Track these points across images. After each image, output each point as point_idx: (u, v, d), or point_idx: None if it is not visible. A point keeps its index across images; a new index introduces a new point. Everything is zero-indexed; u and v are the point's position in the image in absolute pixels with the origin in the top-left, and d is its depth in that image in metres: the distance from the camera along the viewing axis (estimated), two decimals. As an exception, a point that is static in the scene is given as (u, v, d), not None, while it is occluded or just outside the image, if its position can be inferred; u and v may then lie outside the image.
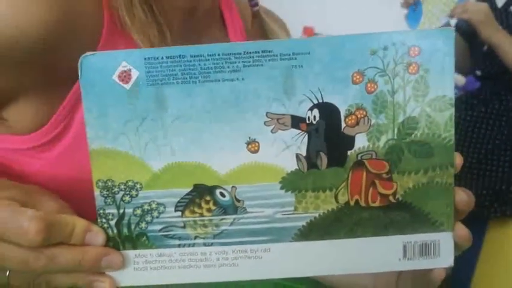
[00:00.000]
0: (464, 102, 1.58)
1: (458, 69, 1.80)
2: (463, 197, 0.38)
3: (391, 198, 0.39)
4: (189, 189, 0.39)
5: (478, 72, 1.63)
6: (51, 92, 0.46)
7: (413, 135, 0.38)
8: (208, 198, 0.39)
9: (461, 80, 2.20)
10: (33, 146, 0.47)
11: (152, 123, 0.38)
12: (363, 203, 0.39)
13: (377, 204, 0.39)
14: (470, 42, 1.63)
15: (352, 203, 0.39)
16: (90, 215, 0.41)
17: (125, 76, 0.37)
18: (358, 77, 0.37)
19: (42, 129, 0.47)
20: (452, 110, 0.37)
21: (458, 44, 1.65)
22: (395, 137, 0.38)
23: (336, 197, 0.39)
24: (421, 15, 1.59)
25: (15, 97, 0.45)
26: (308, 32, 2.71)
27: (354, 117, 0.37)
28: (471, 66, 1.67)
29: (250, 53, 0.36)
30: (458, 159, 0.38)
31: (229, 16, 0.61)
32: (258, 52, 0.36)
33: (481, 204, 1.48)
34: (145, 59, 0.37)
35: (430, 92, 0.37)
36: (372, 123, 0.37)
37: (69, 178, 0.49)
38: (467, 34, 1.61)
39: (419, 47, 0.36)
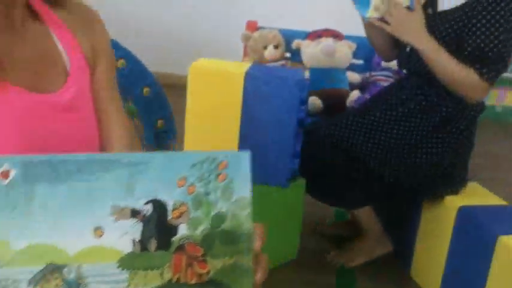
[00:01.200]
0: (395, 97, 1.73)
1: (385, 57, 1.98)
2: (260, 275, 0.49)
3: (204, 277, 0.49)
4: (42, 267, 0.48)
5: (405, 71, 1.84)
6: None
7: (222, 226, 0.50)
8: (56, 275, 0.48)
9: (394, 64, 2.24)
10: None
11: (21, 211, 0.48)
12: (182, 280, 0.49)
13: (194, 281, 0.49)
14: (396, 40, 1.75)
15: (174, 280, 0.48)
16: None
17: (5, 174, 0.49)
18: (182, 182, 0.50)
19: None
20: (250, 208, 0.51)
21: (382, 36, 1.77)
22: (209, 227, 0.50)
23: (161, 275, 0.48)
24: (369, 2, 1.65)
25: None
26: (251, 26, 2.58)
27: (177, 211, 0.50)
28: (398, 64, 1.87)
29: (103, 161, 0.50)
30: (258, 243, 0.50)
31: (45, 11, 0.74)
32: (109, 161, 0.50)
33: (416, 189, 1.68)
34: (22, 162, 0.49)
35: (233, 195, 0.51)
36: (191, 216, 0.50)
37: None
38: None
39: (227, 162, 0.51)
